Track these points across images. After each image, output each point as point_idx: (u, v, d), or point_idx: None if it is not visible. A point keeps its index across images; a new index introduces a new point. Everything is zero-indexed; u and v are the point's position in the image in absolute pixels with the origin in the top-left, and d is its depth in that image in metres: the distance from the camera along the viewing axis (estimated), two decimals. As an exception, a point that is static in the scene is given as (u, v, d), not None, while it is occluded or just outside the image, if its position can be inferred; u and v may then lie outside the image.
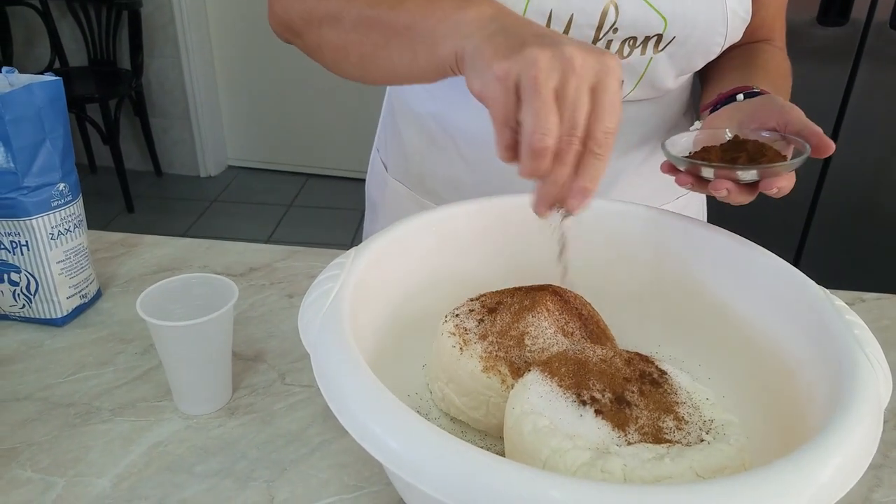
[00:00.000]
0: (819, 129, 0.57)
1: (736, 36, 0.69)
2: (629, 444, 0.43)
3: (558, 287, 0.59)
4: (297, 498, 0.53)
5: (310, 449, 0.57)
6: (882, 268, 1.94)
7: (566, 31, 0.64)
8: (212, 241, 0.86)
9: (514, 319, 0.55)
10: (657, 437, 0.44)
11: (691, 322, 0.62)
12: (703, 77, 0.78)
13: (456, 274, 0.64)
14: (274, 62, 2.95)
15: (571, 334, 0.55)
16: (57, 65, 2.94)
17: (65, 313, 0.70)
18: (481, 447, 0.38)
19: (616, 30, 0.64)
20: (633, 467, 0.41)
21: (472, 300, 0.59)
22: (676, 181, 0.59)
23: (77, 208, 0.70)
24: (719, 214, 0.87)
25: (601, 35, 0.64)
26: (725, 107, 0.65)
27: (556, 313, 0.56)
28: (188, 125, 3.12)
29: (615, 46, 0.65)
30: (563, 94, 0.44)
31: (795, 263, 2.18)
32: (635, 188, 0.78)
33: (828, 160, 1.82)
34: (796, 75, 0.76)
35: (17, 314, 0.71)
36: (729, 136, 0.61)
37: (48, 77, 0.66)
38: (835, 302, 0.51)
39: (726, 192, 0.56)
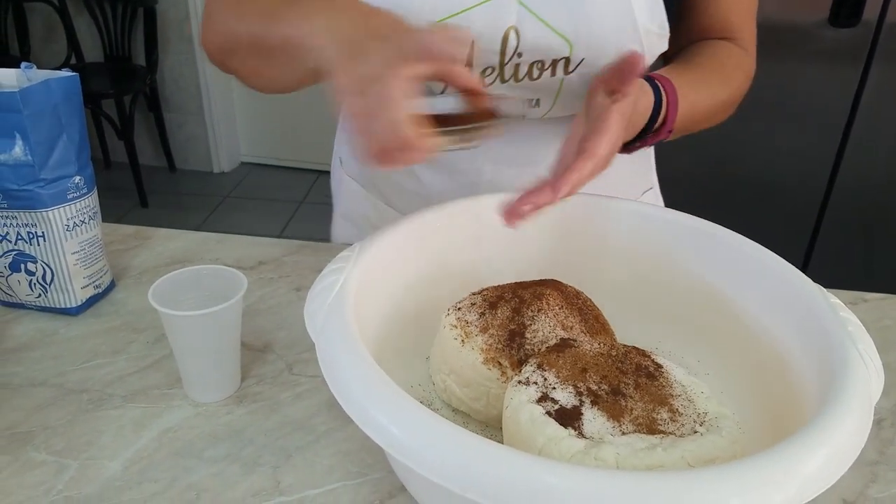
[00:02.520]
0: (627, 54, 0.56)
1: (656, 51, 0.68)
2: (623, 434, 0.44)
3: (559, 282, 0.60)
4: (302, 483, 0.54)
5: (315, 437, 0.59)
6: (893, 270, 1.93)
7: (470, 63, 0.64)
8: (222, 235, 0.88)
9: (515, 313, 0.56)
10: (651, 428, 0.45)
11: (690, 318, 0.63)
12: None
13: (458, 268, 0.65)
14: (287, 59, 2.97)
15: (571, 328, 0.56)
16: (73, 60, 2.98)
17: (79, 303, 0.72)
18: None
19: (520, 54, 0.64)
20: (626, 456, 0.42)
21: (473, 294, 0.60)
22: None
23: (92, 201, 0.72)
24: (728, 215, 0.88)
25: (506, 59, 0.64)
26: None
27: (556, 308, 0.57)
28: (202, 121, 3.15)
29: (524, 69, 0.65)
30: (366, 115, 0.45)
31: (805, 265, 2.16)
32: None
33: (838, 162, 1.82)
34: (807, 76, 0.76)
35: (34, 303, 0.72)
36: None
37: (65, 73, 0.68)
38: (830, 299, 0.52)
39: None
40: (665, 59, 0.77)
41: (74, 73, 0.68)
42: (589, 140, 0.55)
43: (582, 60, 0.65)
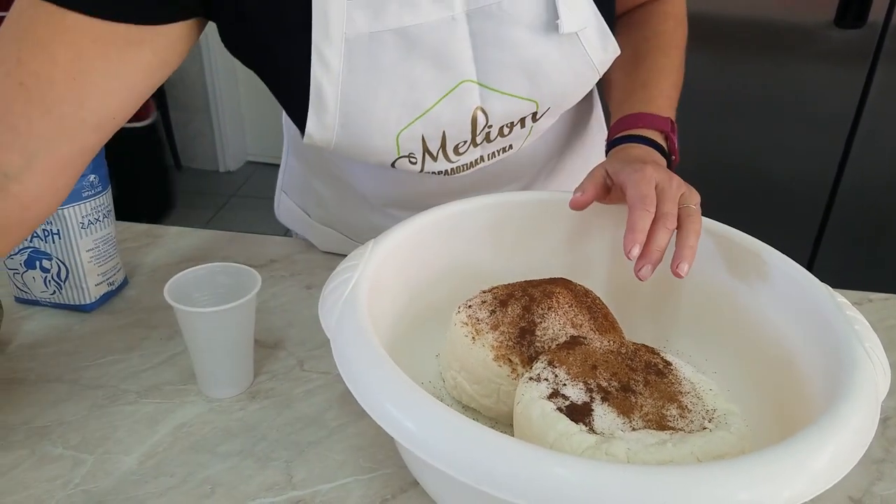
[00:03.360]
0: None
1: (607, 67, 0.68)
2: (633, 430, 0.45)
3: (568, 281, 0.61)
4: (315, 478, 0.55)
5: (327, 432, 0.59)
6: (897, 271, 1.94)
7: (443, 146, 0.64)
8: (233, 234, 0.89)
9: (525, 311, 0.57)
10: (661, 424, 0.46)
11: (698, 317, 0.64)
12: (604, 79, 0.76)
13: (469, 266, 0.66)
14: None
15: (580, 326, 0.57)
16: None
17: (93, 300, 0.73)
18: (491, 430, 0.40)
19: (490, 125, 0.64)
20: (637, 451, 0.43)
21: (484, 292, 0.61)
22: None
23: (106, 199, 0.73)
24: (733, 215, 0.89)
25: (477, 134, 0.64)
26: (609, 155, 0.67)
27: (566, 306, 0.57)
28: (208, 120, 3.16)
29: (494, 132, 0.65)
30: None
31: (810, 265, 2.16)
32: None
33: (843, 163, 1.82)
34: (812, 79, 0.77)
35: (48, 300, 0.73)
36: None
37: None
38: (837, 299, 0.53)
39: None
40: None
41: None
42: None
43: (548, 109, 0.66)
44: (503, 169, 0.74)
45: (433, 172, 0.67)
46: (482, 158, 0.68)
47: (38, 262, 0.71)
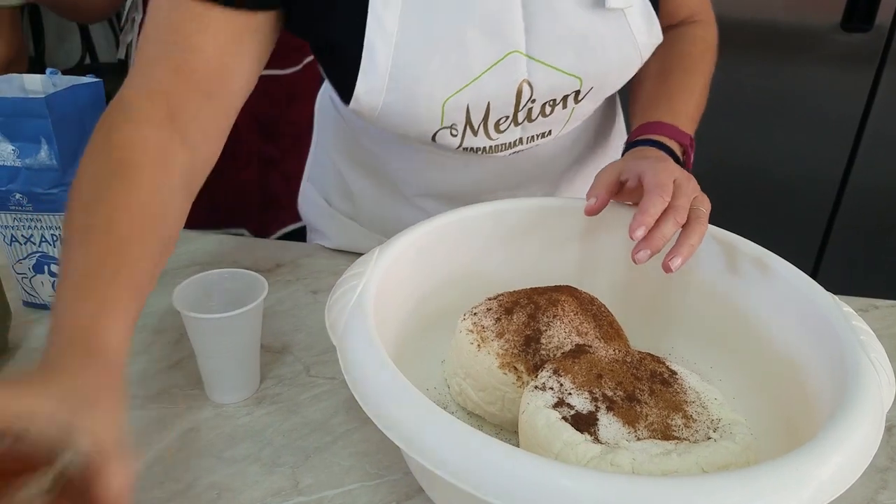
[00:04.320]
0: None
1: (649, 55, 0.69)
2: (638, 439, 0.45)
3: (574, 288, 0.61)
4: (321, 484, 0.55)
5: (333, 437, 0.60)
6: (903, 276, 1.93)
7: (485, 120, 0.66)
8: (239, 238, 0.89)
9: (531, 318, 0.57)
10: (666, 434, 0.46)
11: (703, 325, 0.64)
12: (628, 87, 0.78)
13: (474, 274, 0.66)
14: (299, 61, 2.98)
15: (585, 334, 0.57)
16: (87, 60, 3.00)
17: (101, 304, 0.74)
18: (497, 439, 0.40)
19: (534, 100, 0.65)
20: (642, 461, 0.43)
21: (489, 299, 0.61)
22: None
23: (114, 204, 0.73)
24: (737, 219, 0.88)
25: (520, 109, 0.66)
26: (624, 155, 0.68)
27: (571, 314, 0.58)
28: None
29: (536, 110, 0.67)
30: None
31: (814, 270, 2.14)
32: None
33: (849, 167, 1.82)
34: (818, 82, 0.77)
35: (56, 304, 0.74)
36: None
37: (89, 79, 0.70)
38: (843, 308, 0.53)
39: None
40: None
41: (98, 80, 0.70)
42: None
43: (591, 89, 0.67)
44: (532, 166, 0.75)
45: (471, 149, 0.68)
46: (521, 141, 0.69)
47: (46, 267, 0.72)
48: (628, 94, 0.77)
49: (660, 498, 0.36)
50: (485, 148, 0.69)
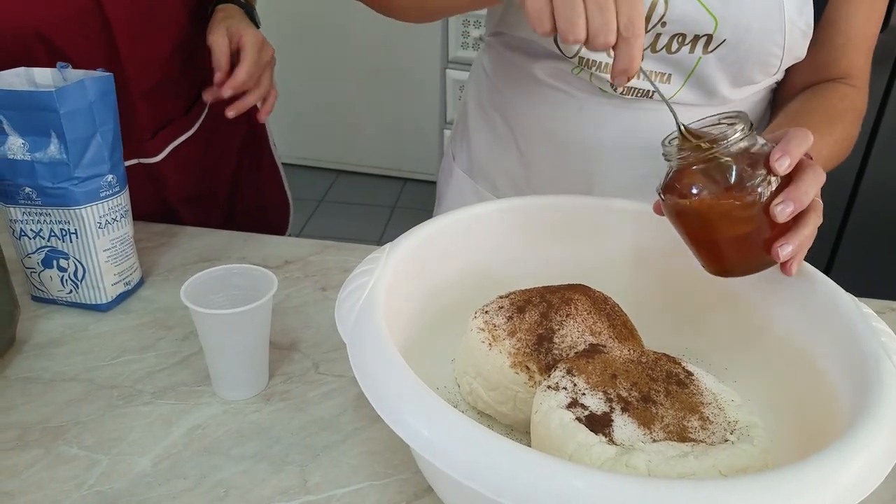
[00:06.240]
0: (782, 144, 0.53)
1: (797, 52, 0.68)
2: (654, 441, 0.44)
3: (587, 287, 0.60)
4: (329, 482, 0.55)
5: (342, 436, 0.59)
6: (917, 278, 1.91)
7: None
8: (249, 234, 0.89)
9: (543, 317, 0.56)
10: (682, 436, 0.45)
11: (718, 325, 0.63)
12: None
13: (486, 271, 0.66)
14: (309, 60, 2.99)
15: (599, 333, 0.56)
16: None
17: (109, 299, 0.73)
18: (509, 439, 0.39)
19: (664, 24, 0.65)
20: (658, 464, 0.42)
21: (501, 297, 0.60)
22: None
23: (123, 199, 0.73)
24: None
25: (649, 27, 0.65)
26: None
27: (585, 313, 0.57)
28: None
29: (663, 41, 0.66)
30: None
31: (827, 271, 2.14)
32: None
33: (863, 166, 1.80)
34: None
35: (65, 299, 0.74)
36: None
37: (100, 73, 0.69)
38: (863, 310, 0.52)
39: None
40: (773, 105, 0.78)
41: (109, 73, 0.69)
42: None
43: (723, 41, 0.66)
44: (629, 148, 0.76)
45: (588, 63, 0.69)
46: (636, 74, 0.68)
47: (55, 262, 0.71)
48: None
49: (677, 501, 0.35)
50: (600, 65, 0.69)
